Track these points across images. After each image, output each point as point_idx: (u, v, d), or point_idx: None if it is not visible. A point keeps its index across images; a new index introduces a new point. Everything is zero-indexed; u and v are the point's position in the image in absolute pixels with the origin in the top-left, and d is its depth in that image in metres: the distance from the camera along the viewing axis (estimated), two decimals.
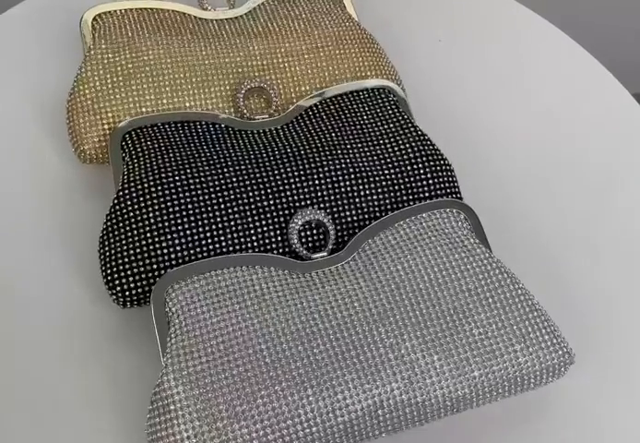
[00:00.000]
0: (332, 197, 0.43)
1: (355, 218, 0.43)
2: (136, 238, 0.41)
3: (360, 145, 0.45)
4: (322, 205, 0.43)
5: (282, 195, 0.43)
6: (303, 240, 0.42)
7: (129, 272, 0.40)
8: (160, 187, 0.42)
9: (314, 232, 0.43)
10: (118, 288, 0.40)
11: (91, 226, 0.45)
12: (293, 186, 0.43)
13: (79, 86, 0.47)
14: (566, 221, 0.49)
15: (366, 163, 0.44)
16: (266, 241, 0.42)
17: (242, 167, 0.43)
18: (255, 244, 0.42)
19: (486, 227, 0.43)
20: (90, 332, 0.42)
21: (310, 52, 0.50)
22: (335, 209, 0.43)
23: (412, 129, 0.46)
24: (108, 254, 0.41)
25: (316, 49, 0.50)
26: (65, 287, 0.44)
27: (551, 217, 0.49)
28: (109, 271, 0.41)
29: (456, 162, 0.47)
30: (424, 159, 0.45)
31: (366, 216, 0.43)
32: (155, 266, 0.40)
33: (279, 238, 0.42)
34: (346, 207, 0.43)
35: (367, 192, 0.44)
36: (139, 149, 0.44)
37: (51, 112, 0.50)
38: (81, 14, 0.50)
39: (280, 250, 0.42)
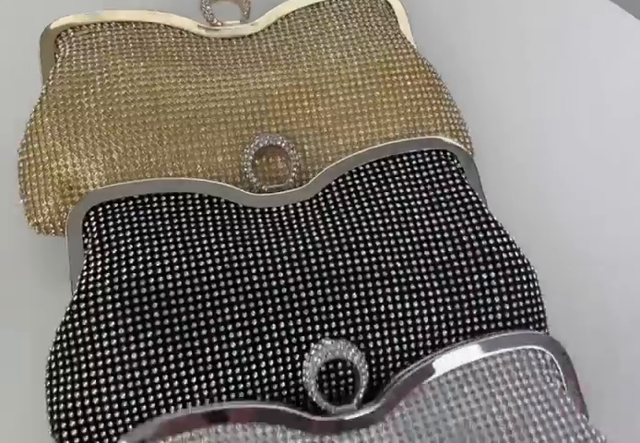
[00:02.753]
0: (367, 318, 0.31)
1: (398, 348, 0.31)
2: (93, 374, 0.29)
3: (408, 239, 0.33)
4: (352, 329, 0.31)
5: (297, 314, 0.31)
6: (324, 381, 0.31)
7: (80, 420, 0.29)
8: (127, 302, 0.30)
9: (339, 367, 0.31)
10: (65, 434, 0.30)
11: (46, 313, 0.34)
12: (313, 302, 0.31)
13: (32, 136, 0.34)
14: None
15: (416, 269, 0.32)
16: (272, 379, 0.30)
17: (245, 272, 0.31)
18: (257, 383, 0.30)
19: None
20: None
21: (347, 92, 0.37)
22: (370, 336, 0.31)
23: (482, 218, 0.33)
24: (55, 391, 0.30)
25: (355, 88, 0.37)
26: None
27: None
28: (55, 417, 0.30)
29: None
30: (498, 265, 0.32)
31: (412, 345, 0.31)
32: (117, 414, 0.29)
33: (290, 375, 0.31)
34: (385, 332, 0.31)
35: (416, 312, 0.31)
36: (105, 237, 0.32)
37: (6, 163, 0.38)
38: (43, 27, 0.38)
39: (292, 390, 0.31)
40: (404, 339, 0.31)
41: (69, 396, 0.29)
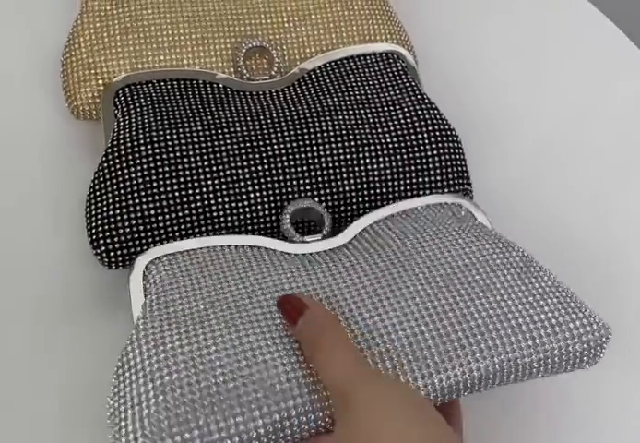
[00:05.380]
0: (330, 165, 0.41)
1: (354, 187, 0.41)
2: (123, 198, 0.39)
3: (362, 111, 0.43)
4: (319, 172, 0.41)
5: (277, 160, 0.41)
6: (298, 219, 0.40)
7: (114, 233, 0.38)
8: (149, 146, 0.40)
9: (309, 222, 0.41)
10: (102, 248, 0.39)
11: (82, 183, 0.43)
12: (289, 152, 0.41)
13: (74, 39, 0.45)
14: (581, 204, 0.47)
15: (368, 130, 0.42)
16: (259, 207, 0.40)
17: (238, 129, 0.41)
18: (247, 209, 0.40)
19: (490, 213, 0.41)
20: (74, 291, 0.41)
21: (317, 11, 0.47)
22: (333, 177, 0.41)
23: (419, 97, 0.44)
24: (94, 213, 0.39)
25: (324, 9, 0.48)
26: (50, 245, 0.43)
27: (565, 202, 0.47)
28: (94, 231, 0.39)
29: (465, 139, 0.45)
30: (430, 128, 0.43)
31: (365, 185, 0.41)
32: (142, 227, 0.39)
33: (272, 205, 0.40)
34: (344, 175, 0.41)
35: (367, 161, 0.41)
36: (132, 106, 0.42)
37: (48, 65, 0.48)
38: None
39: (273, 217, 0.40)
40: (358, 180, 0.41)
41: (105, 214, 0.39)
